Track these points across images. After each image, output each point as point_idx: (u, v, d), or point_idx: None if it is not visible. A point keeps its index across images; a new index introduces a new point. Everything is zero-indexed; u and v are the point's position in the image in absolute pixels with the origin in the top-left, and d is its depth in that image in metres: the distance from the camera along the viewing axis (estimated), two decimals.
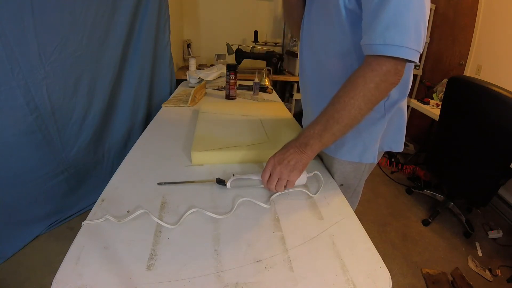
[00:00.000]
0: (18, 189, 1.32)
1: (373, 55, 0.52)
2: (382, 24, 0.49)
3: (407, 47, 0.49)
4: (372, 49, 0.52)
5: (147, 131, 0.98)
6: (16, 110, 1.20)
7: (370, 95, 0.53)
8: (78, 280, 0.42)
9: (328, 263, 0.48)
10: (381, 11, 0.49)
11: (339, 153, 0.73)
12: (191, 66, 2.02)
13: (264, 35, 2.71)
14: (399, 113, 0.72)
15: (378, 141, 0.71)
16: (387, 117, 0.67)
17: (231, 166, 0.77)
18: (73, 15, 1.25)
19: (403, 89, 0.67)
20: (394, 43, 0.49)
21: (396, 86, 0.55)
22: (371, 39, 0.51)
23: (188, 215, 0.57)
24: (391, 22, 0.49)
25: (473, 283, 1.39)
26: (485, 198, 1.50)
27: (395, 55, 0.50)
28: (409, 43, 0.49)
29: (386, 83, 0.53)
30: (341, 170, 0.75)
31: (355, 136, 0.70)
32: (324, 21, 0.65)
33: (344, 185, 0.77)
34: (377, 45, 0.50)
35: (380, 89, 0.53)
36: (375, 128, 0.69)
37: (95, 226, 0.53)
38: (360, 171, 0.76)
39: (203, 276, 0.44)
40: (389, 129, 0.71)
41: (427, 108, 2.14)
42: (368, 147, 0.71)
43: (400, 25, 0.48)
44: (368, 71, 0.53)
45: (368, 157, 0.72)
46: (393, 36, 0.49)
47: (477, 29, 2.24)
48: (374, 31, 0.51)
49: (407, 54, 0.50)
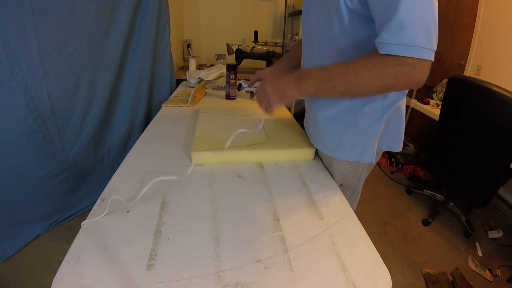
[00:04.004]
0: (18, 189, 1.32)
1: (400, 56, 0.52)
2: (394, 24, 0.50)
3: (418, 46, 0.50)
4: (385, 48, 0.52)
5: (147, 131, 0.98)
6: (16, 110, 1.20)
7: (386, 79, 0.53)
8: (78, 280, 0.42)
9: (328, 263, 0.48)
10: (392, 11, 0.49)
11: (338, 153, 0.74)
12: (191, 66, 2.01)
13: (264, 35, 2.71)
14: (398, 113, 0.72)
15: (376, 141, 0.71)
16: (385, 116, 0.68)
17: (231, 166, 0.77)
18: (73, 15, 1.25)
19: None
20: (406, 43, 0.49)
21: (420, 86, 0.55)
22: (383, 38, 0.51)
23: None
24: (402, 22, 0.49)
25: (473, 283, 1.39)
26: (485, 198, 1.50)
27: (406, 55, 0.50)
28: (420, 42, 0.49)
29: (407, 78, 0.53)
30: (340, 170, 0.76)
31: (354, 136, 0.70)
32: (322, 20, 0.65)
33: (343, 185, 0.77)
34: (390, 45, 0.51)
35: (398, 80, 0.53)
36: (374, 128, 0.69)
37: (95, 226, 0.53)
38: (359, 171, 0.77)
39: (203, 276, 0.44)
40: (388, 129, 0.72)
41: (427, 108, 2.14)
42: (367, 147, 0.71)
43: (410, 25, 0.49)
44: (392, 59, 0.52)
45: (367, 157, 0.72)
46: (404, 36, 0.49)
47: (477, 29, 2.24)
48: (387, 31, 0.51)
49: (418, 53, 0.50)
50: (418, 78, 0.53)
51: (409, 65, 0.51)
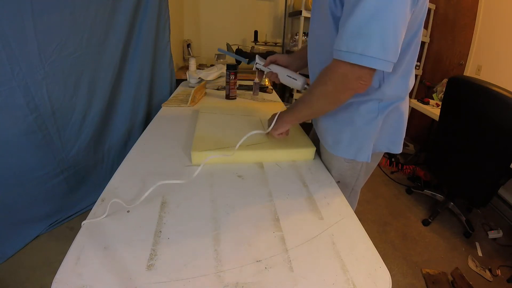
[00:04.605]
0: (18, 189, 1.32)
1: (337, 59, 0.56)
2: (347, 33, 0.52)
3: (369, 56, 0.51)
4: (337, 55, 0.56)
5: (147, 131, 0.98)
6: (16, 110, 1.20)
7: (327, 94, 0.61)
8: (78, 280, 0.42)
9: (328, 263, 0.48)
10: (348, 20, 0.52)
11: (336, 149, 0.77)
12: (191, 66, 2.01)
13: (264, 35, 2.71)
14: (397, 115, 0.73)
15: (372, 141, 0.73)
16: (380, 117, 0.69)
17: (231, 166, 0.77)
18: (73, 15, 1.24)
19: (399, 92, 0.68)
20: (356, 51, 0.52)
21: (363, 91, 0.59)
22: (337, 45, 0.55)
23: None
24: (355, 31, 0.51)
25: (473, 283, 1.39)
26: (485, 198, 1.50)
27: (356, 63, 0.52)
28: (372, 52, 0.51)
29: (343, 86, 0.58)
30: (338, 166, 0.79)
31: (351, 134, 0.73)
32: (319, 26, 0.71)
33: (341, 183, 0.80)
34: (341, 52, 0.54)
35: (338, 90, 0.59)
36: (369, 128, 0.71)
37: (95, 226, 0.53)
38: (357, 170, 0.79)
39: (203, 276, 0.44)
40: (386, 130, 0.73)
41: (427, 108, 2.14)
42: (363, 146, 0.73)
43: (365, 35, 0.50)
44: (329, 71, 0.59)
45: (362, 156, 0.74)
46: (356, 45, 0.51)
47: (477, 29, 2.24)
48: (341, 38, 0.54)
49: (368, 62, 0.52)
50: (357, 85, 0.57)
51: (347, 71, 0.55)
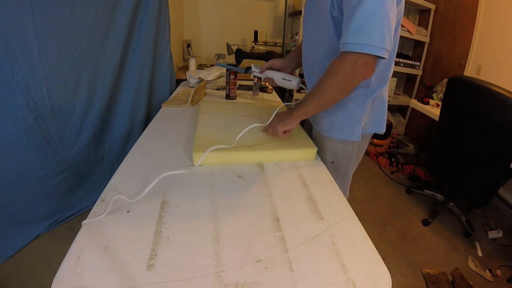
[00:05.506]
0: (18, 189, 1.32)
1: (345, 51, 0.67)
2: (352, 29, 0.64)
3: (371, 45, 0.63)
4: (344, 47, 0.66)
5: (147, 131, 0.98)
6: (16, 110, 1.20)
7: (338, 83, 0.69)
8: (78, 280, 0.42)
9: (328, 263, 0.48)
10: (351, 19, 0.64)
11: (330, 132, 0.88)
12: (191, 66, 2.01)
13: (264, 35, 2.71)
14: (380, 101, 0.86)
15: (361, 122, 0.85)
16: (368, 101, 0.82)
17: (231, 166, 0.77)
18: (73, 15, 1.24)
19: (381, 79, 0.81)
20: (361, 42, 0.63)
21: (369, 77, 0.70)
22: (344, 39, 0.66)
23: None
24: (359, 27, 0.63)
25: (473, 283, 1.39)
26: (485, 198, 1.50)
27: (362, 51, 0.64)
28: (373, 42, 0.63)
29: (353, 74, 0.67)
30: (332, 147, 0.90)
31: (343, 117, 0.84)
32: (317, 25, 0.80)
33: (335, 163, 0.90)
34: (348, 44, 0.65)
35: (348, 78, 0.68)
36: (359, 110, 0.83)
37: (95, 226, 0.53)
38: (349, 150, 0.90)
39: (203, 276, 0.44)
40: (372, 114, 0.86)
41: (427, 108, 2.14)
42: (354, 127, 0.85)
43: (366, 29, 0.62)
44: (338, 62, 0.68)
45: (354, 136, 0.86)
46: (360, 37, 0.63)
47: (477, 29, 2.24)
48: (347, 33, 0.65)
49: (371, 50, 0.63)
50: (365, 70, 0.66)
51: (357, 58, 0.65)
